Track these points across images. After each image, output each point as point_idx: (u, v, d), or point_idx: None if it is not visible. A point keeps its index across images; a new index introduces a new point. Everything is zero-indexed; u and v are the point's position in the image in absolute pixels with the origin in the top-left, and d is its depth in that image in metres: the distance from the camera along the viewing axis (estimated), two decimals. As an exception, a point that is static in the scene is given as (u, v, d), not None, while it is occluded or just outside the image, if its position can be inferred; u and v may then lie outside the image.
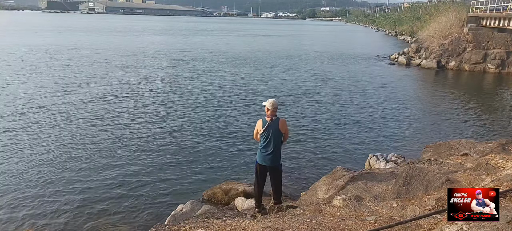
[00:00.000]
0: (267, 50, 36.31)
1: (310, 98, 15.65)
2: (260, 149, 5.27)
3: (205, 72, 21.75)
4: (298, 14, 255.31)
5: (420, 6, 60.68)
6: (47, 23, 77.86)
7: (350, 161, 9.03)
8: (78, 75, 19.06)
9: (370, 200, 4.43)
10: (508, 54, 24.16)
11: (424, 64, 26.43)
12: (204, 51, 33.24)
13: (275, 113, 5.18)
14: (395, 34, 61.91)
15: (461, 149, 6.72)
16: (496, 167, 4.74)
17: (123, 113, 12.45)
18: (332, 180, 6.04)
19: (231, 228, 3.69)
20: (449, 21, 28.40)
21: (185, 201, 6.35)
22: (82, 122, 11.33)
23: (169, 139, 10.10)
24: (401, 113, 13.86)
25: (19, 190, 7.07)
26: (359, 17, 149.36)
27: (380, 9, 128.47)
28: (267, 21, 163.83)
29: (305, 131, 11.16)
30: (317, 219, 3.75)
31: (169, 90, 16.39)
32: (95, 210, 6.49)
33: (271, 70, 23.24)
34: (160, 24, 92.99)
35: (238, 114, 12.83)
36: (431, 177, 4.64)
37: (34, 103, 13.23)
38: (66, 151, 9.03)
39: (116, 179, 7.67)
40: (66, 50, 29.93)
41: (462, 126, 12.43)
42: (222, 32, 67.81)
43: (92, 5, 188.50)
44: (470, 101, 16.63)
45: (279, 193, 5.50)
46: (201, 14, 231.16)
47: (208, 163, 8.63)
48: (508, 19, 22.53)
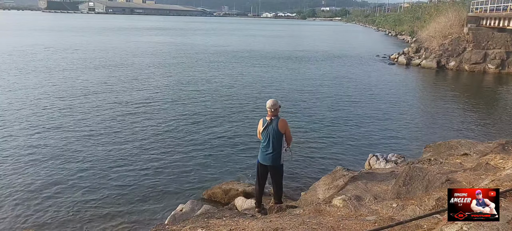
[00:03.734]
0: (267, 50, 36.30)
1: (310, 98, 15.65)
2: (261, 149, 5.32)
3: (205, 72, 21.74)
4: (298, 14, 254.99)
5: (420, 6, 60.61)
6: (47, 23, 77.81)
7: (350, 161, 9.02)
8: (78, 75, 19.06)
9: (370, 200, 4.43)
10: (508, 54, 24.14)
11: (424, 64, 26.42)
12: (204, 52, 33.24)
13: (276, 113, 5.20)
14: (395, 34, 61.89)
15: (461, 149, 6.71)
16: (496, 167, 4.74)
17: (122, 113, 12.44)
18: (332, 180, 6.04)
19: (231, 228, 3.69)
20: (449, 21, 28.39)
21: (185, 201, 6.36)
22: (82, 122, 11.33)
23: (169, 139, 10.10)
24: (401, 113, 13.85)
25: (18, 190, 7.07)
26: (359, 17, 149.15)
27: (380, 9, 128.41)
28: (267, 21, 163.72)
29: (305, 131, 11.16)
30: (317, 219, 3.75)
31: (169, 90, 16.39)
32: (95, 210, 6.49)
33: (271, 71, 23.24)
34: (160, 24, 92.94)
35: (238, 114, 12.82)
36: (431, 177, 4.64)
37: (34, 103, 13.23)
38: (66, 151, 9.03)
39: (116, 179, 7.67)
40: (65, 50, 29.93)
41: (462, 126, 12.43)
42: (221, 32, 67.80)
43: (92, 5, 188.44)
44: (470, 101, 16.62)
45: (279, 193, 5.51)
46: (201, 14, 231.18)
47: (208, 163, 8.63)
48: (508, 19, 22.53)
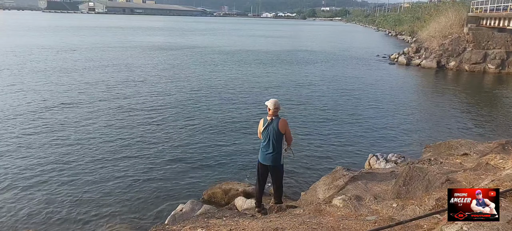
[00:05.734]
0: (267, 50, 36.29)
1: (310, 98, 15.64)
2: (261, 148, 5.31)
3: (205, 72, 21.72)
4: (298, 14, 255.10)
5: (420, 6, 60.69)
6: (47, 23, 77.83)
7: (350, 161, 9.02)
8: (78, 76, 19.06)
9: (370, 200, 4.43)
10: (508, 54, 24.14)
11: (424, 64, 26.42)
12: (204, 52, 33.24)
13: (276, 113, 5.19)
14: (395, 34, 61.88)
15: (461, 149, 6.72)
16: (496, 167, 4.74)
17: (122, 113, 12.44)
18: (332, 180, 6.04)
19: (231, 228, 3.69)
20: (449, 21, 28.41)
21: (185, 201, 6.35)
22: (81, 122, 11.33)
23: (169, 139, 10.10)
24: (401, 113, 13.85)
25: (18, 190, 7.08)
26: (359, 17, 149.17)
27: (380, 9, 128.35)
28: (267, 21, 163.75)
29: (305, 131, 11.16)
30: (317, 219, 3.75)
31: (168, 90, 16.38)
32: (95, 210, 6.50)
33: (271, 71, 23.23)
34: (160, 24, 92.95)
35: (238, 115, 12.82)
36: (431, 177, 4.64)
37: (33, 103, 13.23)
38: (66, 151, 9.03)
39: (116, 179, 7.67)
40: (64, 50, 29.92)
41: (462, 126, 12.42)
42: (221, 32, 67.79)
43: (92, 5, 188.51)
44: (470, 101, 16.62)
45: (279, 193, 5.51)
46: (201, 14, 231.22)
47: (208, 163, 8.63)
48: (508, 19, 22.54)
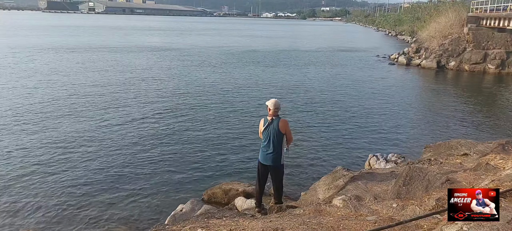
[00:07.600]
0: (267, 50, 36.29)
1: (310, 99, 15.64)
2: (262, 148, 5.32)
3: (205, 72, 21.73)
4: (298, 14, 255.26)
5: (420, 6, 60.58)
6: (48, 22, 77.84)
7: (350, 161, 9.02)
8: (77, 76, 19.07)
9: (370, 200, 4.43)
10: (508, 54, 24.13)
11: (424, 64, 26.41)
12: (204, 52, 33.24)
13: (277, 113, 5.20)
14: (395, 34, 61.90)
15: (461, 149, 6.71)
16: (496, 167, 4.74)
17: (122, 113, 12.44)
18: (332, 180, 6.04)
19: (231, 228, 3.69)
20: (449, 21, 28.38)
21: (185, 201, 6.35)
22: (81, 122, 11.33)
23: (169, 139, 10.10)
24: (401, 113, 13.85)
25: (18, 190, 7.07)
26: (359, 17, 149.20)
27: (380, 9, 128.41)
28: (267, 21, 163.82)
29: (305, 131, 11.16)
30: (317, 219, 3.75)
31: (169, 90, 16.38)
32: (95, 210, 6.49)
33: (271, 71, 23.24)
34: (160, 24, 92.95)
35: (238, 115, 12.82)
36: (431, 177, 4.64)
37: (33, 103, 13.24)
38: (66, 151, 9.03)
39: (116, 179, 7.67)
40: (64, 50, 29.93)
41: (462, 126, 12.43)
42: (221, 32, 67.78)
43: (92, 5, 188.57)
44: (470, 101, 16.62)
45: (280, 193, 5.51)
46: (201, 14, 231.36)
47: (208, 163, 8.62)
48: (508, 19, 22.52)
